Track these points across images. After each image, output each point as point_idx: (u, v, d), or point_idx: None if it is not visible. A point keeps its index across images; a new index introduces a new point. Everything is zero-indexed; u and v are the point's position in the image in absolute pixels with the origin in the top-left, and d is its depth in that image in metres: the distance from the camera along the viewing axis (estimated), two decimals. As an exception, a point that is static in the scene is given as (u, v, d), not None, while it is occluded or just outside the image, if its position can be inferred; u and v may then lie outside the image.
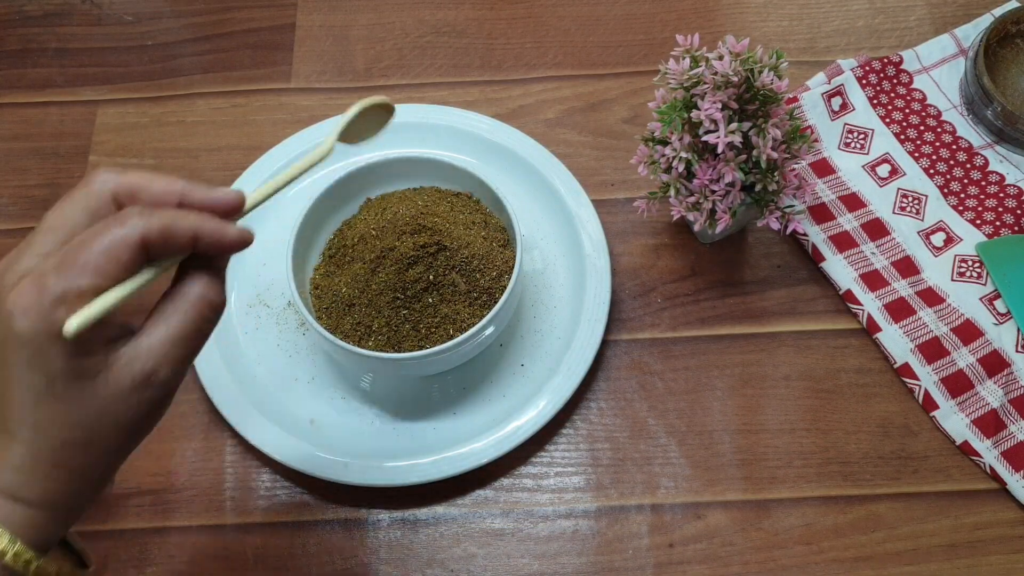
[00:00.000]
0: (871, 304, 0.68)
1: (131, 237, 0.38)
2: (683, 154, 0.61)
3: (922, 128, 0.75)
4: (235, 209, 0.42)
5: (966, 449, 0.64)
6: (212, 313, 0.42)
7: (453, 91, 0.80)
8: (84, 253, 0.37)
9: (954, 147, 0.74)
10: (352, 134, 0.51)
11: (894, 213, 0.72)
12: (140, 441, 0.43)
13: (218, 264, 0.43)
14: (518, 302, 0.69)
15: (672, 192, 0.63)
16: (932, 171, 0.73)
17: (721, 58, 0.59)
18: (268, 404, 0.66)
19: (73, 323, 0.37)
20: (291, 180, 0.46)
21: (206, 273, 0.42)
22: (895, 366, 0.67)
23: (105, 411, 0.39)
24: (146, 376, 0.40)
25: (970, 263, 0.69)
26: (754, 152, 0.60)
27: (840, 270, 0.69)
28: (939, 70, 0.77)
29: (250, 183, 0.74)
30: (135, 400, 0.40)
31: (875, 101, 0.76)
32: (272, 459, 0.64)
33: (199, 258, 0.41)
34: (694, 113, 0.59)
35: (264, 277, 0.71)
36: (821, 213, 0.72)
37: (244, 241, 0.42)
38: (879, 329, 0.67)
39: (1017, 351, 0.65)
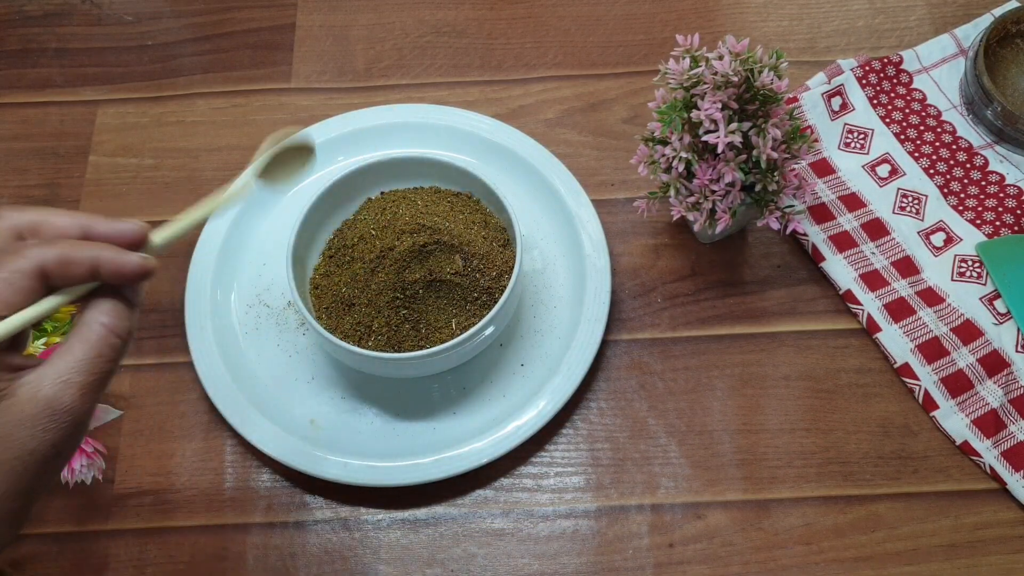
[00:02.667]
0: (871, 304, 0.68)
1: (28, 266, 0.39)
2: (683, 154, 0.61)
3: (922, 128, 0.75)
4: (137, 241, 0.43)
5: (966, 449, 0.64)
6: (116, 339, 0.42)
7: (453, 91, 0.80)
8: None
9: (954, 147, 0.74)
10: (273, 174, 0.51)
11: (894, 213, 0.72)
12: (52, 476, 0.41)
13: (128, 293, 0.43)
14: (518, 302, 0.69)
15: (672, 192, 0.63)
16: (932, 171, 0.73)
17: (721, 58, 0.59)
18: (268, 404, 0.66)
19: None
20: (204, 217, 0.47)
21: (110, 300, 0.42)
22: (895, 366, 0.67)
23: (8, 438, 0.39)
24: (48, 402, 0.39)
25: (970, 263, 0.69)
26: (754, 152, 0.60)
27: (840, 270, 0.69)
28: (939, 70, 0.77)
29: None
30: (40, 428, 0.39)
31: (875, 101, 0.76)
32: (272, 459, 0.64)
33: (109, 288, 0.42)
34: (694, 113, 0.59)
35: (264, 277, 0.71)
36: (821, 213, 0.72)
37: (144, 270, 0.42)
38: (879, 329, 0.67)
39: (1017, 351, 0.65)
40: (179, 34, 0.84)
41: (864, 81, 0.76)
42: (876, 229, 0.71)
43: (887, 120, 0.76)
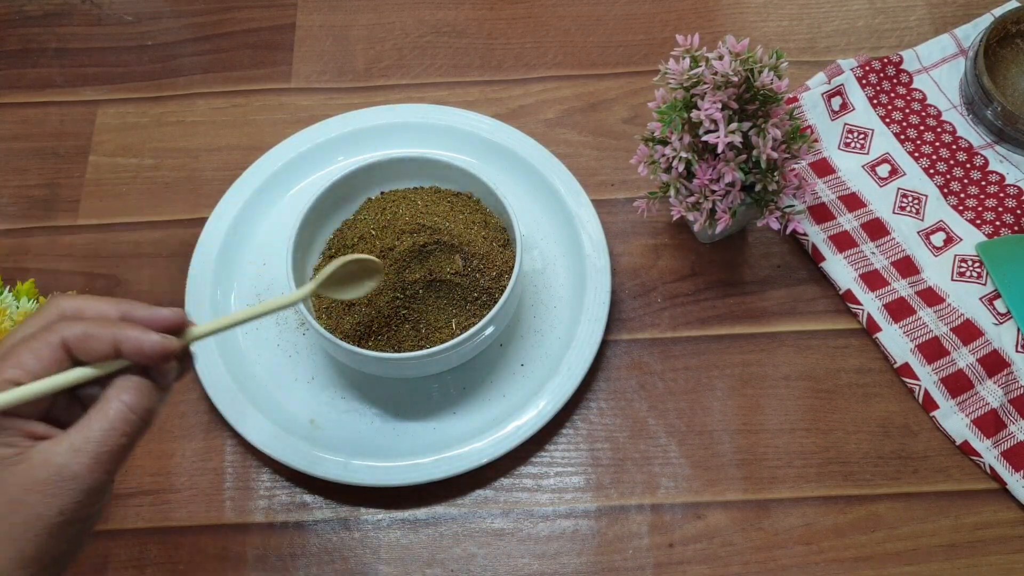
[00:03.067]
0: (871, 304, 0.68)
1: (53, 339, 0.42)
2: (683, 154, 0.60)
3: (922, 128, 0.75)
4: (172, 326, 0.45)
5: (966, 449, 0.64)
6: (133, 416, 0.43)
7: (453, 91, 0.80)
8: (11, 350, 0.42)
9: (954, 147, 0.74)
10: (333, 287, 0.54)
11: (894, 213, 0.72)
12: (63, 546, 0.42)
13: (156, 375, 0.44)
14: (518, 302, 0.69)
15: (672, 192, 0.63)
16: (932, 171, 0.73)
17: (721, 58, 0.59)
18: (268, 404, 0.66)
19: (2, 398, 0.40)
20: (255, 317, 0.49)
21: (133, 379, 0.44)
22: (895, 366, 0.67)
23: (20, 502, 0.40)
24: (58, 468, 0.41)
25: (970, 263, 0.69)
26: (754, 152, 0.60)
27: (840, 270, 0.69)
28: (939, 70, 0.77)
29: (250, 183, 0.74)
30: (48, 493, 0.40)
31: (875, 101, 0.76)
32: (272, 459, 0.64)
33: (138, 368, 0.44)
34: (694, 113, 0.59)
35: (264, 277, 0.71)
36: (821, 213, 0.72)
37: (165, 349, 0.44)
38: (879, 329, 0.67)
39: (1017, 351, 0.65)
40: (179, 34, 0.84)
41: (864, 81, 0.76)
42: (876, 229, 0.71)
43: (887, 120, 0.76)
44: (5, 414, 0.41)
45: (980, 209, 0.72)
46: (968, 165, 0.74)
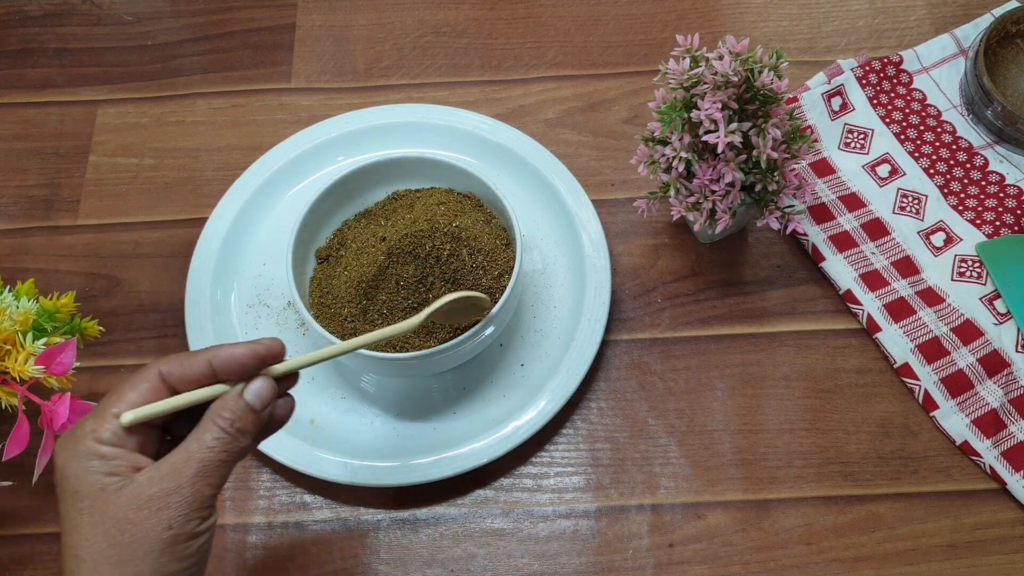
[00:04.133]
0: (871, 304, 0.68)
1: (149, 373, 0.46)
2: (683, 154, 0.60)
3: (922, 128, 0.75)
4: (273, 353, 0.48)
5: (966, 449, 0.64)
6: (228, 436, 0.46)
7: (453, 91, 0.80)
8: (114, 389, 0.46)
9: (954, 147, 0.74)
10: (442, 316, 0.58)
11: (894, 213, 0.72)
12: (184, 570, 0.44)
13: (252, 398, 0.47)
14: (518, 302, 0.69)
15: (672, 192, 0.63)
16: (932, 171, 0.73)
17: (721, 58, 0.59)
18: (268, 404, 0.66)
19: (128, 415, 0.45)
20: (362, 345, 0.52)
21: (232, 400, 0.47)
22: (895, 366, 0.67)
23: (129, 521, 0.43)
24: (163, 486, 0.44)
25: (970, 263, 0.69)
26: (754, 152, 0.60)
27: (840, 270, 0.69)
28: (939, 70, 0.77)
29: (250, 183, 0.74)
30: (157, 508, 0.43)
31: (875, 101, 0.76)
32: (272, 459, 0.64)
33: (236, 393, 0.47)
34: (694, 113, 0.59)
35: (264, 277, 0.71)
36: (821, 213, 0.72)
37: (255, 354, 0.47)
38: (879, 329, 0.67)
39: (1017, 351, 0.65)
40: (179, 34, 0.84)
41: (864, 81, 0.76)
42: (876, 229, 0.71)
43: (887, 120, 0.76)
44: (115, 445, 0.44)
45: (980, 209, 0.72)
46: (968, 165, 0.74)
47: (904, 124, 0.75)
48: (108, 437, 0.44)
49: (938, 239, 0.71)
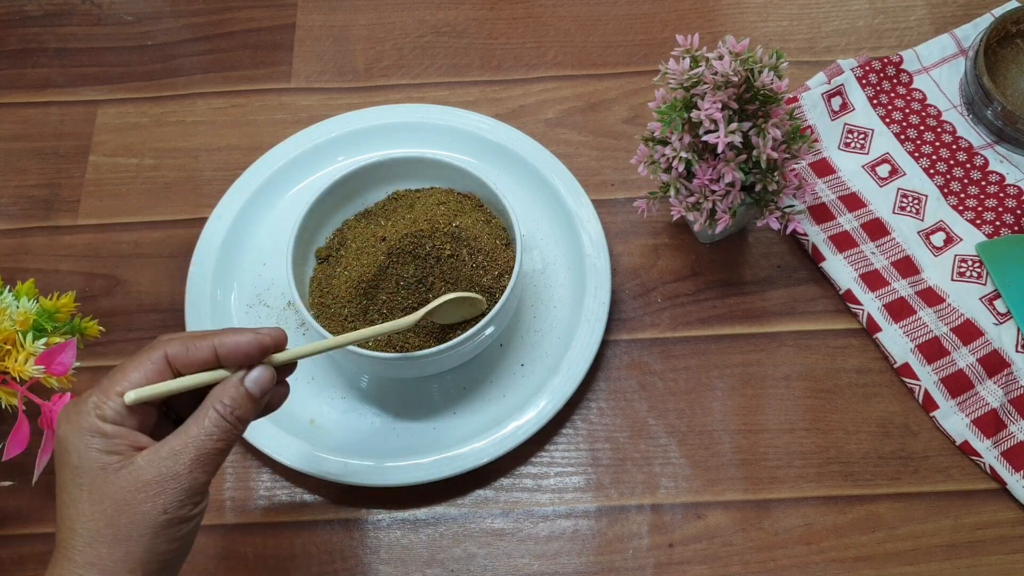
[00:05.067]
0: (871, 304, 0.68)
1: (155, 354, 0.47)
2: (683, 154, 0.60)
3: (922, 128, 0.75)
4: (277, 343, 0.50)
5: (966, 449, 0.64)
6: (227, 423, 0.47)
7: (453, 91, 0.80)
8: (119, 368, 0.47)
9: (954, 147, 0.74)
10: (439, 315, 0.60)
11: (894, 213, 0.72)
12: (172, 555, 0.46)
13: (252, 387, 0.48)
14: (518, 302, 0.69)
15: (672, 192, 0.63)
16: (932, 171, 0.73)
17: (721, 58, 0.59)
18: (268, 404, 0.66)
19: (131, 395, 0.45)
20: (362, 339, 0.54)
21: (232, 388, 0.48)
22: (895, 366, 0.67)
23: (127, 503, 0.44)
24: (162, 471, 0.45)
25: (970, 263, 0.69)
26: (754, 152, 0.60)
27: (840, 270, 0.69)
28: (939, 70, 0.77)
29: (250, 183, 0.74)
30: (152, 492, 0.45)
31: (875, 101, 0.76)
32: (272, 459, 0.64)
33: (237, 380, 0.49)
34: (694, 113, 0.59)
35: (264, 277, 0.71)
36: (821, 213, 0.72)
37: (260, 343, 0.48)
38: (879, 329, 0.67)
39: (1017, 351, 0.65)
40: (179, 34, 0.84)
41: (864, 81, 0.76)
42: (876, 229, 0.71)
43: (887, 120, 0.76)
44: (116, 423, 0.45)
45: (980, 209, 0.72)
46: (968, 165, 0.74)
47: (904, 124, 0.75)
48: (111, 415, 0.45)
49: (938, 239, 0.71)
